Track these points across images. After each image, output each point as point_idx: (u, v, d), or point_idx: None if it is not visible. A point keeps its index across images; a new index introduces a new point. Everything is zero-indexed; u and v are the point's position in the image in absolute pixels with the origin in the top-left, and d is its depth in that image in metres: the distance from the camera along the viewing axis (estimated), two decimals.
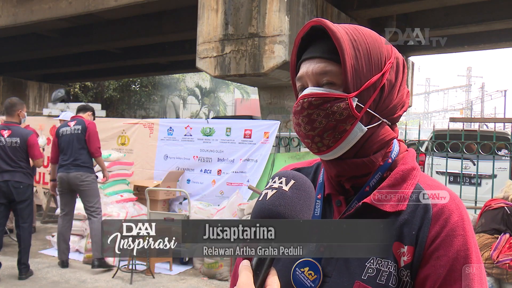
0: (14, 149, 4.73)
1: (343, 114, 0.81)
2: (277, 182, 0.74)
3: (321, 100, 0.82)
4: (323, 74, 0.84)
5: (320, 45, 0.85)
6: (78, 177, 5.03)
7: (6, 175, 4.68)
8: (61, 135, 5.10)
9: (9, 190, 4.68)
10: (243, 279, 0.67)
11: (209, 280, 4.84)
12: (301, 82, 0.88)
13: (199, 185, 6.67)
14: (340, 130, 0.82)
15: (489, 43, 10.95)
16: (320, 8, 7.46)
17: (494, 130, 5.82)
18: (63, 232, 5.08)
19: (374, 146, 0.85)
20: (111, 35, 11.82)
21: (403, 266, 0.79)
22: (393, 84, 0.86)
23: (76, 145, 5.05)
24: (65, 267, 5.05)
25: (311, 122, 0.83)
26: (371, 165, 0.85)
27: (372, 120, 0.85)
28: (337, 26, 0.84)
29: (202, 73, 22.20)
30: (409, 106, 12.65)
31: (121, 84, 23.04)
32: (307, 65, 0.86)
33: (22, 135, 4.78)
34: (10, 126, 4.80)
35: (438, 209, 0.80)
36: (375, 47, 0.84)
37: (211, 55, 7.15)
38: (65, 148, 5.06)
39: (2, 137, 4.73)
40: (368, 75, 0.83)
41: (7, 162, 4.71)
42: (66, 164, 5.04)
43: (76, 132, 5.08)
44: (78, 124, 5.13)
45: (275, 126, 6.31)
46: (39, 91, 17.64)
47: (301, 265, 0.85)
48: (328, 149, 0.84)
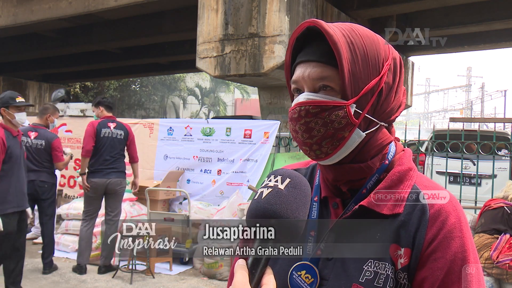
0: (38, 151, 4.91)
1: (342, 123, 0.80)
2: (273, 180, 0.73)
3: (319, 109, 0.80)
4: (320, 79, 0.81)
5: (316, 47, 0.83)
6: (118, 183, 4.98)
7: (32, 175, 4.82)
8: (102, 135, 4.94)
9: (34, 189, 4.84)
10: (238, 278, 0.67)
11: (209, 280, 4.84)
12: (297, 85, 0.85)
13: (199, 185, 6.67)
14: (338, 137, 0.81)
15: (489, 43, 10.94)
16: (320, 8, 7.45)
17: (494, 130, 5.82)
18: (88, 237, 4.93)
19: (372, 150, 0.84)
20: (111, 35, 11.82)
21: (400, 269, 0.78)
22: (391, 86, 0.85)
23: (119, 150, 5.02)
24: (84, 274, 4.88)
25: (309, 130, 0.81)
26: (368, 170, 0.84)
27: (370, 125, 0.83)
28: (333, 27, 0.82)
29: (202, 73, 22.21)
30: (409, 106, 12.65)
31: (121, 84, 23.04)
32: (303, 68, 0.83)
33: (48, 138, 4.98)
34: (37, 129, 5.00)
35: (435, 210, 0.79)
36: (372, 49, 0.82)
37: (211, 55, 7.15)
38: (106, 151, 4.94)
39: (29, 138, 4.90)
40: (366, 79, 0.81)
41: (33, 162, 4.86)
42: (105, 169, 4.92)
43: (119, 137, 5.03)
44: (120, 129, 5.07)
45: (275, 126, 6.31)
46: (39, 91, 17.63)
47: (298, 268, 0.84)
48: (326, 156, 0.83)
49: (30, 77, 17.30)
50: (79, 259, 4.92)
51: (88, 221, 4.96)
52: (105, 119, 5.07)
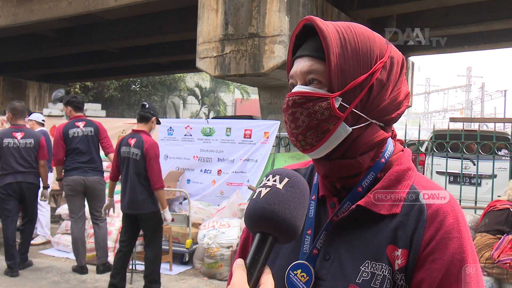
0: (28, 150, 4.92)
1: (324, 114, 0.81)
2: (271, 180, 0.73)
3: (304, 99, 0.82)
4: (309, 73, 0.83)
5: (311, 43, 0.85)
6: (97, 181, 4.92)
7: (19, 176, 4.86)
8: (71, 136, 4.86)
9: (21, 191, 4.89)
10: (236, 278, 0.67)
11: (209, 280, 4.84)
12: (292, 80, 0.88)
13: (199, 185, 6.68)
14: (322, 129, 0.82)
15: (489, 43, 10.94)
16: (320, 8, 7.45)
17: (494, 130, 5.81)
18: (80, 236, 4.89)
19: (362, 147, 0.83)
20: (111, 35, 11.82)
21: (398, 270, 0.78)
22: (384, 83, 0.84)
23: (92, 147, 4.93)
24: (86, 273, 4.88)
25: (295, 120, 0.83)
26: (358, 167, 0.84)
27: (359, 120, 0.83)
28: (327, 24, 0.83)
29: (202, 73, 22.20)
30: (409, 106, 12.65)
31: (121, 84, 23.04)
32: (297, 63, 0.86)
33: (36, 136, 5.01)
34: (21, 129, 5.01)
35: (433, 211, 0.79)
36: (365, 46, 0.82)
37: (211, 55, 7.15)
38: (79, 150, 4.86)
39: (15, 139, 4.89)
40: (355, 74, 0.81)
41: (20, 163, 4.87)
42: (81, 167, 4.84)
43: (90, 134, 4.94)
44: (89, 126, 4.98)
45: (275, 126, 6.31)
46: (39, 91, 17.63)
47: (294, 267, 0.84)
48: (311, 147, 0.83)
49: (30, 77, 17.30)
50: (78, 260, 4.90)
51: (76, 220, 4.88)
52: (73, 120, 4.98)
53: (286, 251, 0.89)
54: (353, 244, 0.82)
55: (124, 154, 4.16)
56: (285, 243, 0.72)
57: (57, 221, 6.82)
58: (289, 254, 0.88)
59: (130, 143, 4.16)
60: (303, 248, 0.86)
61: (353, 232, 0.83)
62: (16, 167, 4.85)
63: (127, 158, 4.14)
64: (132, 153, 4.12)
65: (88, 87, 22.32)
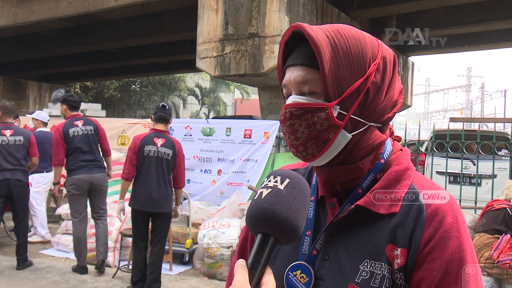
0: (18, 147, 4.94)
1: (324, 125, 0.80)
2: (272, 181, 0.73)
3: (301, 110, 0.81)
4: (304, 83, 0.82)
5: (302, 50, 0.84)
6: (102, 179, 4.93)
7: (7, 174, 4.84)
8: (71, 136, 4.84)
9: (9, 188, 4.86)
10: (238, 278, 0.66)
11: (209, 280, 4.84)
12: (286, 89, 0.87)
13: (199, 185, 6.68)
14: (323, 139, 0.81)
15: (489, 43, 10.93)
16: (320, 8, 7.45)
17: (494, 130, 5.81)
18: (83, 236, 4.87)
19: (362, 151, 0.83)
20: (111, 35, 11.82)
21: (397, 269, 0.78)
22: (379, 86, 0.84)
23: (93, 145, 4.92)
24: (86, 273, 4.86)
25: (294, 132, 0.83)
26: (358, 171, 0.84)
27: (357, 125, 0.83)
28: (317, 29, 0.82)
29: (202, 73, 22.20)
30: (409, 106, 12.62)
31: (121, 84, 23.03)
32: (290, 72, 0.85)
33: (25, 134, 5.03)
34: (11, 126, 5.03)
35: (432, 210, 0.79)
36: (357, 50, 0.81)
37: (211, 55, 7.15)
38: (81, 148, 4.83)
39: (4, 137, 4.90)
40: (350, 80, 0.80)
41: (9, 161, 4.87)
42: (87, 165, 4.82)
43: (90, 132, 4.93)
44: (88, 125, 4.97)
45: (275, 126, 6.31)
46: (39, 91, 17.62)
47: (293, 268, 0.84)
48: (313, 157, 0.83)
49: (30, 77, 17.29)
50: (80, 260, 4.89)
51: (80, 219, 4.85)
52: (70, 119, 4.95)
53: (285, 252, 0.89)
54: (352, 244, 0.82)
55: (150, 153, 4.16)
56: (286, 244, 0.72)
57: (57, 221, 6.82)
58: (288, 255, 0.88)
59: (156, 142, 4.17)
60: (302, 249, 0.86)
61: (352, 232, 0.83)
62: (4, 164, 4.85)
63: (154, 157, 4.16)
64: (164, 153, 4.17)
65: (88, 87, 22.31)
